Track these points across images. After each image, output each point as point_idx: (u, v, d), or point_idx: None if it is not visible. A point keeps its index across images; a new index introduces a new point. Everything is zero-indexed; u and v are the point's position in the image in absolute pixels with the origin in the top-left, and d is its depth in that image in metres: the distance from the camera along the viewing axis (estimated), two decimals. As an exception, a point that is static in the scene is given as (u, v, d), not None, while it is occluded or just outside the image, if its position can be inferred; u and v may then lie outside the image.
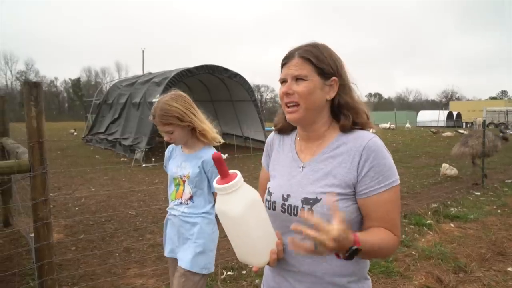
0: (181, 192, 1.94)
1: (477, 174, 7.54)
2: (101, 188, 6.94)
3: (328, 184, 1.12)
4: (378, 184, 1.09)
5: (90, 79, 71.32)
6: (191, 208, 1.91)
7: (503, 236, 4.37)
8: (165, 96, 1.92)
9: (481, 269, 3.52)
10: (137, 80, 14.05)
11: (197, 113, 1.93)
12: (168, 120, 1.84)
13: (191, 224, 1.90)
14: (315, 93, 1.15)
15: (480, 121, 31.24)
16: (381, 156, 1.11)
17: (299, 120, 1.17)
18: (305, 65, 1.15)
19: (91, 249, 3.93)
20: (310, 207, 1.11)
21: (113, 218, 4.97)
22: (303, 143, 1.26)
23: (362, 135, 1.16)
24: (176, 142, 1.96)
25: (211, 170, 1.88)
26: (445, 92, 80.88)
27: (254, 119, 13.18)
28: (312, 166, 1.18)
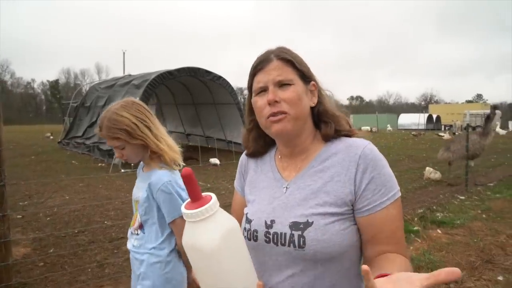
0: (135, 219, 1.64)
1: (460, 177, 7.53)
2: (76, 196, 6.58)
3: (320, 203, 0.93)
4: (381, 197, 0.91)
5: (69, 81, 69.62)
6: (140, 240, 1.59)
7: (490, 242, 4.30)
8: (115, 104, 1.59)
9: (471, 278, 3.42)
10: (116, 83, 13.64)
11: (153, 127, 1.57)
12: (115, 133, 1.51)
13: (139, 261, 1.58)
14: (303, 99, 0.98)
15: (459, 123, 32.19)
16: (381, 165, 0.93)
17: (288, 132, 0.97)
18: (287, 68, 0.97)
19: (61, 265, 3.63)
20: (301, 233, 0.91)
21: (87, 229, 4.66)
22: (286, 159, 1.06)
23: (354, 142, 0.98)
24: (129, 160, 1.62)
25: (159, 196, 1.53)
26: (424, 95, 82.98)
27: (237, 122, 12.96)
28: (298, 184, 0.99)
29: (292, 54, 1.00)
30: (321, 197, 0.94)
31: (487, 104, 55.43)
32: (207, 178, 8.34)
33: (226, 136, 13.63)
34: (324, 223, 0.91)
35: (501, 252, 4.04)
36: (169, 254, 1.57)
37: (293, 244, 0.91)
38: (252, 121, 1.08)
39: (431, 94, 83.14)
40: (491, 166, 10.22)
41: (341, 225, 0.91)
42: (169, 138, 1.63)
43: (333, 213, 0.92)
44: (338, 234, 0.91)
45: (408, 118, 40.25)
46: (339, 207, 0.92)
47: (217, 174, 8.86)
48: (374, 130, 26.47)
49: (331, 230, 0.90)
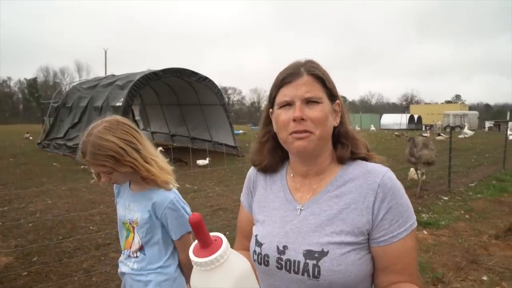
0: (131, 241, 1.54)
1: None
2: (58, 200, 6.39)
3: (336, 231, 0.90)
4: (399, 228, 0.89)
5: (48, 79, 67.70)
6: (141, 262, 1.51)
7: (474, 242, 4.42)
8: (98, 125, 1.42)
9: (457, 279, 3.50)
10: (99, 83, 13.35)
11: (142, 149, 1.44)
12: (101, 161, 1.37)
13: (143, 283, 1.50)
14: (329, 120, 0.95)
15: (440, 124, 32.97)
16: (399, 195, 0.91)
17: (311, 151, 0.94)
18: (317, 85, 0.94)
19: (46, 274, 3.51)
20: (316, 263, 0.88)
21: (72, 236, 4.53)
22: (299, 179, 1.02)
23: (373, 169, 0.95)
24: (117, 183, 1.53)
25: (166, 214, 1.47)
26: (405, 95, 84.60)
27: (223, 123, 12.91)
28: (312, 208, 0.95)
29: (322, 71, 0.97)
30: (337, 225, 0.91)
31: (465, 104, 57.00)
32: (193, 180, 8.26)
33: (212, 137, 13.55)
34: (340, 253, 0.88)
35: (485, 252, 4.15)
36: (175, 271, 1.54)
37: (307, 273, 0.89)
38: (268, 132, 1.06)
39: (412, 94, 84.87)
40: (471, 166, 10.51)
41: (356, 255, 0.89)
42: (159, 158, 1.53)
43: (349, 243, 0.89)
44: (354, 264, 0.88)
45: (390, 118, 40.99)
46: (355, 236, 0.90)
47: (204, 176, 8.79)
48: (358, 130, 26.79)
49: (347, 260, 0.88)
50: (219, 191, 7.22)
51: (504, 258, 3.95)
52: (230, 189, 7.20)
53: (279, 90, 0.96)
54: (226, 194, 6.89)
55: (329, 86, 0.96)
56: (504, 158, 10.09)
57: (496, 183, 7.95)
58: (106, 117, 1.48)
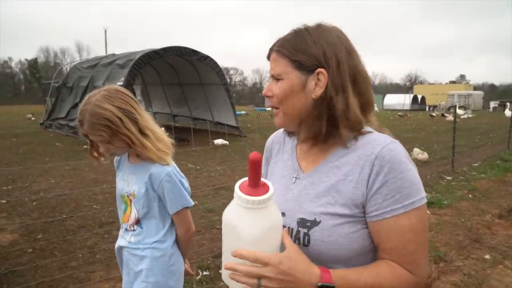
0: (128, 215, 1.52)
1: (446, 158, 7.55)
2: (62, 179, 6.42)
3: (331, 202, 0.88)
4: (393, 204, 0.83)
5: (49, 60, 67.25)
6: (138, 235, 1.49)
7: (477, 222, 4.42)
8: (96, 93, 1.40)
9: (460, 257, 3.51)
10: (99, 62, 13.20)
11: (140, 119, 1.42)
12: (98, 130, 1.35)
13: (139, 257, 1.48)
14: (293, 95, 0.90)
15: (444, 104, 32.75)
16: (399, 169, 0.84)
17: (283, 127, 0.99)
18: (281, 60, 0.92)
19: (50, 251, 3.55)
20: (306, 231, 0.87)
21: (75, 214, 4.56)
22: (306, 147, 1.00)
23: (375, 140, 0.89)
24: (116, 154, 1.51)
25: (163, 187, 1.44)
26: (409, 76, 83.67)
27: (225, 103, 12.81)
28: (313, 178, 0.94)
29: (294, 41, 0.90)
30: (333, 196, 0.89)
31: (470, 85, 56.30)
32: (196, 160, 8.26)
33: (214, 117, 13.48)
34: (333, 224, 0.86)
35: (488, 231, 4.15)
36: (172, 246, 1.51)
37: (298, 241, 0.89)
38: None
39: (416, 74, 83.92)
40: (475, 146, 10.45)
41: (351, 228, 0.86)
42: (157, 129, 1.49)
43: (342, 215, 0.86)
44: (346, 237, 0.86)
45: (393, 99, 40.65)
46: (350, 208, 0.87)
47: (206, 156, 8.78)
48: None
49: (339, 232, 0.86)
50: (221, 170, 7.22)
51: (507, 237, 3.95)
52: (232, 169, 7.20)
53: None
54: (228, 174, 6.89)
55: (295, 58, 0.89)
56: (508, 138, 10.00)
57: (500, 163, 7.91)
58: (105, 86, 1.45)
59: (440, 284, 3.00)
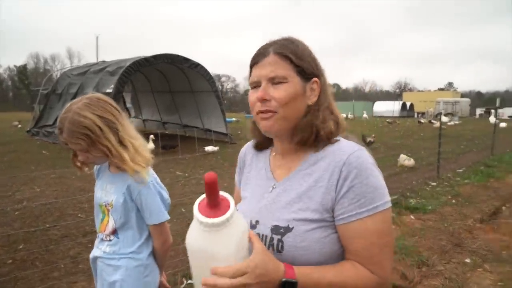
0: (105, 225, 1.50)
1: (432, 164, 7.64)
2: (47, 188, 6.35)
3: (302, 208, 0.91)
4: (359, 207, 0.87)
5: (38, 66, 66.52)
6: (114, 246, 1.47)
7: (459, 226, 4.49)
8: (78, 101, 1.39)
9: (442, 261, 3.56)
10: (89, 69, 13.14)
11: (121, 129, 1.41)
12: (77, 138, 1.34)
13: (113, 268, 1.46)
14: (297, 99, 0.93)
15: (432, 111, 33.22)
16: (364, 174, 0.88)
17: (275, 131, 0.94)
18: (283, 64, 0.92)
19: (31, 262, 3.50)
20: (280, 238, 0.90)
21: (59, 223, 4.51)
22: (280, 157, 1.03)
23: (343, 147, 0.93)
24: (96, 163, 1.49)
25: (141, 198, 1.42)
26: (399, 83, 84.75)
27: (215, 110, 12.83)
28: (285, 186, 0.97)
29: (292, 48, 0.94)
30: (305, 202, 0.92)
31: (457, 92, 57.29)
32: (185, 168, 8.24)
33: (204, 124, 13.47)
34: (305, 229, 0.89)
35: (469, 235, 4.22)
36: (148, 257, 1.49)
37: (272, 247, 0.91)
38: None
39: (405, 82, 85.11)
40: (461, 152, 10.62)
41: (322, 233, 0.89)
42: (139, 141, 1.47)
43: (314, 220, 0.89)
44: (319, 242, 0.88)
45: (383, 106, 41.10)
46: (320, 213, 0.90)
47: (195, 163, 8.77)
48: (351, 117, 26.89)
49: (311, 237, 0.88)
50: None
51: (487, 241, 4.02)
52: (221, 176, 7.15)
53: (251, 71, 0.97)
54: (217, 181, 6.88)
55: (298, 64, 0.93)
56: (492, 144, 10.19)
57: (484, 168, 8.05)
58: (87, 94, 1.44)
59: (421, 289, 3.04)
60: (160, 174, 1.56)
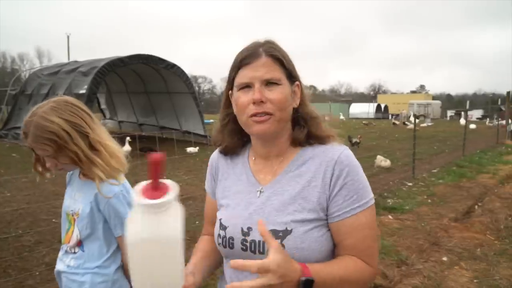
0: (70, 235, 1.40)
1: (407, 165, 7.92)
2: (18, 192, 6.07)
3: (298, 209, 0.91)
4: (352, 204, 0.91)
5: (5, 66, 63.67)
6: (79, 259, 1.37)
7: (435, 225, 4.63)
8: (44, 105, 1.31)
9: (420, 260, 3.65)
10: (60, 69, 12.71)
11: (91, 133, 1.33)
12: (43, 144, 1.26)
13: (78, 284, 1.36)
14: (288, 102, 0.94)
15: (405, 113, 34.30)
16: (355, 172, 0.93)
17: (271, 133, 0.94)
18: (276, 66, 0.92)
19: (3, 270, 3.33)
20: (280, 242, 0.89)
21: (32, 228, 4.32)
22: (261, 161, 1.02)
23: (332, 147, 0.97)
24: (65, 169, 1.40)
25: (109, 208, 1.34)
26: (373, 85, 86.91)
27: (193, 112, 12.71)
28: (275, 189, 0.96)
29: (281, 52, 0.95)
30: (299, 203, 0.92)
31: (429, 94, 59.31)
32: (163, 170, 8.09)
33: (181, 126, 13.31)
34: (304, 230, 0.90)
35: (445, 234, 4.36)
36: (116, 272, 1.40)
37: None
38: (228, 115, 1.04)
39: (379, 84, 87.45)
40: (434, 153, 10.99)
41: (319, 232, 0.91)
42: (112, 144, 1.39)
43: (311, 220, 0.91)
44: (317, 241, 0.90)
45: (359, 108, 42.02)
46: (317, 212, 0.91)
47: (172, 165, 8.63)
48: (327, 119, 27.28)
49: (310, 237, 0.90)
50: (188, 180, 7.13)
51: (462, 239, 4.17)
52: (199, 179, 7.11)
53: (238, 72, 0.94)
54: (195, 183, 6.80)
55: (288, 67, 0.95)
56: (463, 145, 10.60)
57: (456, 169, 8.36)
58: (54, 97, 1.36)
59: (402, 287, 3.10)
60: (137, 177, 1.50)
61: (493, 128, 18.95)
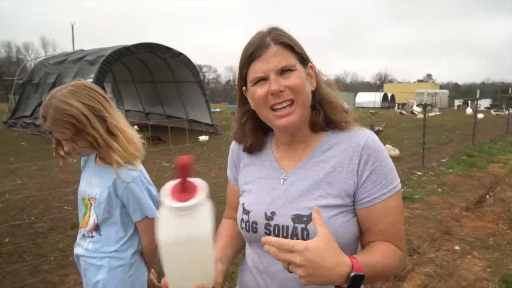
0: (87, 220, 1.41)
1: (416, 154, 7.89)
2: (29, 180, 6.13)
3: (323, 195, 0.90)
4: (382, 189, 0.89)
5: (11, 56, 63.87)
6: (97, 243, 1.39)
7: (446, 215, 4.60)
8: (63, 88, 1.31)
9: (432, 249, 3.64)
10: (67, 58, 12.71)
11: (109, 117, 1.33)
12: (62, 127, 1.27)
13: (96, 267, 1.38)
14: (306, 85, 0.91)
15: (412, 102, 34.01)
16: (383, 156, 0.91)
17: (297, 124, 0.91)
18: (287, 53, 0.90)
19: (19, 255, 3.38)
20: (304, 226, 0.88)
21: (45, 216, 4.37)
22: (284, 148, 1.01)
23: (358, 132, 0.95)
24: (82, 154, 1.41)
25: (127, 194, 1.35)
26: (379, 74, 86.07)
27: (199, 101, 12.68)
28: (299, 175, 0.95)
29: (288, 36, 0.92)
30: (324, 188, 0.91)
31: (436, 83, 58.67)
32: (171, 159, 8.12)
33: (188, 115, 13.30)
34: (328, 215, 0.89)
35: (457, 223, 4.34)
36: (133, 256, 1.41)
37: (296, 237, 0.90)
38: (247, 112, 1.02)
39: (386, 73, 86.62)
40: (443, 143, 10.89)
41: (344, 217, 0.90)
42: (129, 129, 1.40)
43: (336, 205, 0.90)
44: (342, 227, 0.89)
45: (365, 97, 41.69)
46: (342, 198, 0.91)
47: (181, 154, 8.58)
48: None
49: (336, 222, 0.89)
50: (197, 168, 7.14)
51: (474, 228, 4.15)
52: (208, 167, 7.13)
53: (250, 66, 0.91)
54: (204, 172, 6.82)
55: (299, 51, 0.92)
56: (473, 134, 10.49)
57: (466, 158, 8.28)
58: (73, 81, 1.36)
59: (415, 275, 3.10)
60: (147, 165, 1.50)
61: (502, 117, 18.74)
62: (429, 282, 3.00)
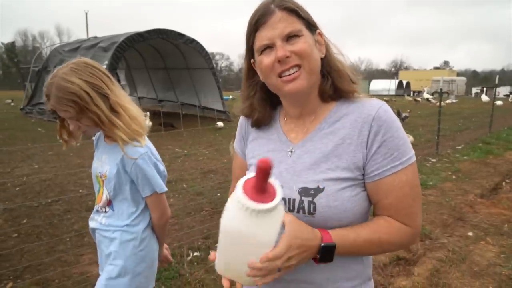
0: (100, 196, 1.45)
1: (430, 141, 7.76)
2: (45, 164, 6.28)
3: (331, 167, 0.88)
4: (393, 161, 0.85)
5: (27, 44, 64.88)
6: (109, 218, 1.44)
7: (460, 201, 4.53)
8: (64, 67, 1.32)
9: (444, 235, 3.61)
10: (81, 45, 12.82)
11: (111, 94, 1.34)
12: (65, 105, 1.27)
13: (109, 239, 1.43)
14: (314, 51, 0.88)
15: (428, 89, 33.32)
16: (395, 127, 0.87)
17: (304, 90, 0.89)
18: (292, 18, 0.87)
19: (36, 235, 3.49)
20: (311, 200, 0.87)
21: (61, 199, 4.48)
22: (293, 120, 0.99)
23: (368, 102, 0.91)
24: (88, 133, 1.41)
25: (135, 169, 1.36)
26: (394, 62, 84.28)
27: (212, 88, 12.67)
28: (306, 147, 0.92)
29: (293, 2, 0.90)
30: (333, 161, 0.89)
31: (453, 71, 57.21)
32: (183, 145, 8.20)
33: (201, 102, 13.33)
34: (336, 189, 0.86)
35: (470, 210, 4.27)
36: (144, 231, 1.45)
37: (303, 210, 0.88)
38: (255, 84, 1.00)
39: (401, 60, 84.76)
40: (458, 130, 10.67)
41: (352, 191, 0.87)
42: (132, 106, 1.40)
43: (345, 178, 0.87)
44: (350, 201, 0.87)
45: (379, 84, 40.96)
46: (351, 171, 0.88)
47: (193, 140, 8.72)
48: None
49: (343, 196, 0.86)
50: (209, 154, 7.19)
51: (488, 215, 4.08)
52: (220, 153, 7.16)
53: (256, 35, 0.89)
54: (216, 158, 6.86)
55: (305, 17, 0.89)
56: (490, 122, 10.24)
57: (482, 145, 8.11)
58: (74, 59, 1.36)
59: (426, 260, 3.08)
60: (159, 151, 1.52)
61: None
62: (441, 266, 2.98)
